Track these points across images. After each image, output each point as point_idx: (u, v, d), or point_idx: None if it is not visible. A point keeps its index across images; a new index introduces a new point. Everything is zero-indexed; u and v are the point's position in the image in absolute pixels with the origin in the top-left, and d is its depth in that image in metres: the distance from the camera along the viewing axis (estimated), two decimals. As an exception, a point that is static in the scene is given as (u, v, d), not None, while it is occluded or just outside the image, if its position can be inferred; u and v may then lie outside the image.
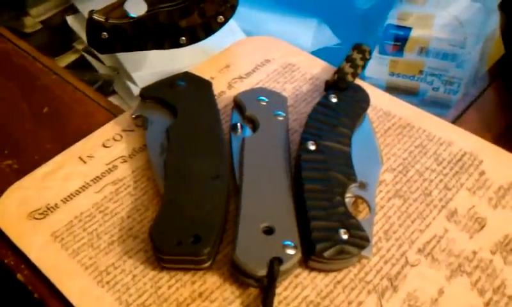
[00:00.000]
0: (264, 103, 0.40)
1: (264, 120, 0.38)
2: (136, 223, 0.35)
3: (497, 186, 0.36)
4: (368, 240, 0.32)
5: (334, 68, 0.44)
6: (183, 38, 0.44)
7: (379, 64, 0.57)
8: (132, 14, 0.43)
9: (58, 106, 0.44)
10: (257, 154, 0.36)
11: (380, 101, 0.42)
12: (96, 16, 0.42)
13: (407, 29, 0.56)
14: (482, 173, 0.37)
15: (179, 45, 0.44)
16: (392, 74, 0.56)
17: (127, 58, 0.50)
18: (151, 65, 0.51)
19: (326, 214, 0.32)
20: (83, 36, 0.55)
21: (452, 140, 0.39)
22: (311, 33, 0.57)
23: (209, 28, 0.45)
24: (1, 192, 0.37)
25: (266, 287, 0.30)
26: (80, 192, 0.37)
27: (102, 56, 0.53)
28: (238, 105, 0.40)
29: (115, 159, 0.39)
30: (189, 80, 0.41)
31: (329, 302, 0.31)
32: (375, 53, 0.56)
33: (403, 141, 0.39)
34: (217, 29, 0.45)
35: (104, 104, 0.44)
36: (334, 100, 0.38)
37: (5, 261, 0.34)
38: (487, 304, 0.31)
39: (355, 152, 0.36)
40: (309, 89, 0.43)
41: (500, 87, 0.45)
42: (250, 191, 0.34)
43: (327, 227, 0.32)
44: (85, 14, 0.55)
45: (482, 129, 0.41)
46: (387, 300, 0.31)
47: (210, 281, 0.32)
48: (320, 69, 0.45)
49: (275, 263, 0.30)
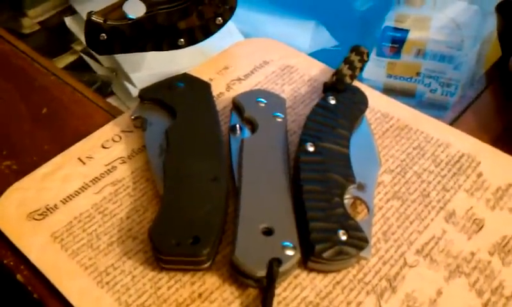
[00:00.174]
0: (263, 104, 0.40)
1: (263, 121, 0.38)
2: (135, 224, 0.35)
3: (495, 187, 0.36)
4: (367, 241, 0.32)
5: (332, 70, 0.44)
6: (181, 40, 0.44)
7: (376, 66, 0.57)
8: (131, 15, 0.43)
9: (57, 107, 0.44)
10: (256, 155, 0.36)
11: (378, 103, 0.42)
12: (94, 17, 0.42)
13: (404, 31, 0.57)
14: (480, 175, 0.37)
15: (177, 47, 0.45)
16: (390, 76, 0.57)
17: (125, 59, 0.51)
18: (149, 66, 0.51)
19: (325, 215, 0.33)
20: (81, 37, 0.55)
21: (450, 142, 0.39)
22: (309, 35, 0.57)
23: (208, 30, 0.45)
24: (0, 193, 0.37)
25: (265, 288, 0.30)
26: (79, 193, 0.37)
27: (100, 57, 0.53)
28: (237, 106, 0.40)
29: (114, 160, 0.39)
30: (188, 81, 0.41)
31: (328, 302, 0.31)
32: (373, 55, 0.56)
33: (401, 143, 0.39)
34: (215, 31, 0.45)
35: (103, 105, 0.44)
36: (332, 102, 0.38)
37: (4, 261, 0.34)
38: (485, 305, 0.31)
39: (353, 154, 0.36)
40: (307, 90, 0.43)
41: (497, 89, 0.46)
42: (249, 192, 0.34)
43: (326, 228, 0.32)
44: (83, 15, 0.55)
45: (479, 131, 0.41)
46: (386, 300, 0.31)
47: (209, 282, 0.32)
48: (318, 71, 0.45)
49: (274, 263, 0.31)
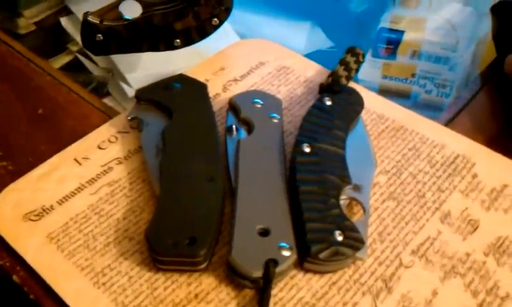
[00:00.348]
0: (259, 105, 0.40)
1: (259, 122, 0.39)
2: (132, 225, 0.35)
3: (490, 188, 0.36)
4: (363, 242, 0.32)
5: (328, 71, 0.44)
6: (177, 40, 0.44)
7: (372, 67, 0.57)
8: (127, 16, 0.43)
9: (53, 108, 0.44)
10: (252, 156, 0.36)
11: (374, 104, 0.42)
12: (91, 18, 0.42)
13: (399, 33, 0.57)
14: (474, 176, 0.37)
15: (174, 47, 0.45)
16: (385, 77, 0.57)
17: (121, 60, 0.51)
18: (145, 67, 0.51)
19: (321, 216, 0.33)
20: (77, 38, 0.55)
21: (445, 143, 0.39)
22: (304, 36, 0.57)
23: (204, 31, 0.45)
24: (-4, 193, 0.37)
25: (262, 288, 0.30)
26: (75, 193, 0.37)
27: (96, 58, 0.53)
28: (233, 107, 0.40)
29: (110, 161, 0.39)
30: (184, 82, 0.41)
31: (324, 303, 0.31)
32: (368, 56, 0.57)
33: (397, 144, 0.39)
34: (211, 32, 0.45)
35: (99, 106, 0.44)
36: (328, 103, 0.39)
37: (0, 262, 0.34)
38: (480, 305, 0.31)
39: (349, 155, 0.36)
40: (303, 91, 0.43)
41: (492, 90, 0.46)
42: (245, 193, 0.34)
43: (322, 229, 0.32)
44: (79, 15, 0.55)
45: (474, 132, 0.41)
46: (382, 301, 0.31)
47: (206, 283, 0.32)
48: (314, 72, 0.45)
49: (271, 264, 0.31)
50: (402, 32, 0.56)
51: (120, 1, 0.43)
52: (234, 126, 0.39)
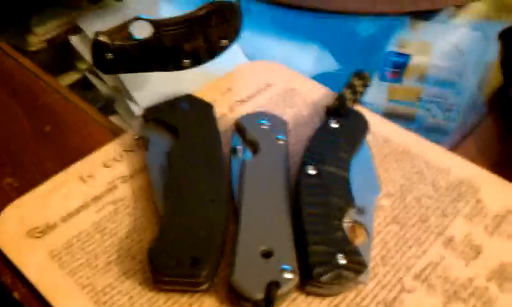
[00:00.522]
0: (265, 126, 0.40)
1: (265, 143, 0.39)
2: (135, 243, 0.35)
3: (494, 214, 0.36)
4: (365, 266, 0.32)
5: (334, 94, 0.44)
6: (186, 61, 0.45)
7: (378, 90, 0.57)
8: (137, 36, 0.43)
9: (60, 125, 0.44)
10: (257, 177, 0.36)
11: (379, 127, 0.42)
12: (101, 37, 0.43)
13: (406, 56, 0.57)
14: (479, 201, 0.37)
15: (182, 68, 0.45)
16: (391, 100, 0.57)
17: (129, 78, 0.51)
18: (153, 86, 0.51)
19: (324, 239, 0.33)
20: (86, 56, 0.55)
21: (450, 167, 0.39)
22: (312, 58, 0.57)
23: (213, 52, 0.45)
24: (1, 209, 0.37)
25: (263, 310, 0.30)
26: (79, 211, 0.37)
27: (104, 76, 0.54)
28: (239, 128, 0.40)
29: (115, 179, 0.39)
30: (191, 102, 0.42)
31: (325, 326, 0.31)
32: (374, 79, 0.57)
33: (401, 168, 0.39)
34: (220, 53, 0.45)
35: (106, 124, 0.44)
36: (334, 126, 0.39)
37: (2, 278, 0.34)
38: (483, 332, 0.31)
39: (354, 177, 0.36)
40: (309, 113, 0.44)
41: (499, 116, 0.46)
42: (249, 214, 0.34)
43: (325, 251, 0.32)
44: (89, 34, 0.56)
45: (479, 157, 0.41)
46: (383, 326, 0.31)
47: (207, 304, 0.32)
48: (320, 94, 0.45)
49: (273, 287, 0.31)
50: (408, 56, 0.57)
51: (131, 21, 0.43)
52: (240, 147, 0.39)
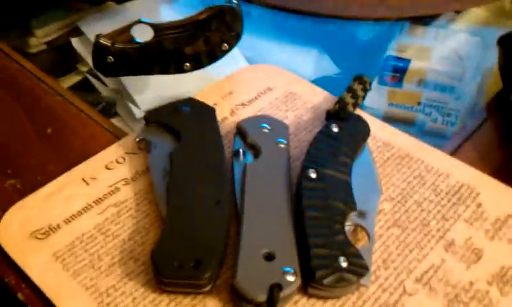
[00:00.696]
0: (266, 130, 0.40)
1: (266, 147, 0.39)
2: (137, 246, 0.35)
3: (494, 218, 0.37)
4: (367, 269, 0.32)
5: (335, 98, 0.44)
6: (187, 64, 0.45)
7: (378, 94, 0.57)
8: (138, 39, 0.44)
9: (62, 127, 0.44)
10: (259, 180, 0.37)
11: (380, 131, 0.42)
12: (102, 40, 0.43)
13: (406, 61, 0.57)
14: (479, 205, 0.37)
15: (183, 71, 0.45)
16: (391, 104, 0.57)
17: (130, 81, 0.51)
18: (154, 89, 0.51)
19: (326, 242, 0.33)
20: (87, 58, 0.56)
21: (450, 172, 0.39)
22: (312, 62, 0.57)
23: (213, 55, 0.45)
24: (4, 211, 0.37)
25: (265, 313, 0.31)
26: (82, 213, 0.37)
27: (105, 79, 0.54)
28: (240, 131, 0.40)
29: (118, 181, 0.39)
30: (193, 105, 0.42)
31: (327, 329, 0.31)
32: (374, 83, 0.57)
33: (402, 172, 0.40)
34: (221, 57, 0.46)
35: (108, 126, 0.45)
36: (335, 130, 0.39)
37: (6, 279, 0.34)
38: (483, 335, 0.31)
39: (355, 181, 0.37)
40: (310, 117, 0.44)
41: (498, 121, 0.46)
42: (251, 217, 0.34)
43: (327, 254, 0.32)
44: (90, 37, 0.56)
45: (479, 162, 0.41)
46: (385, 328, 0.31)
47: (209, 305, 0.32)
48: (321, 98, 0.46)
49: (275, 289, 0.31)
50: (408, 60, 0.57)
51: (132, 25, 0.43)
52: (241, 150, 0.39)
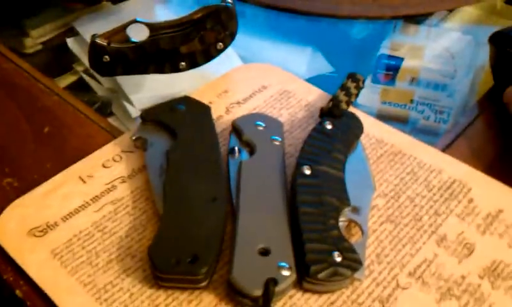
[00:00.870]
0: (261, 128, 0.41)
1: (261, 144, 0.39)
2: (135, 242, 0.36)
3: (485, 213, 0.37)
4: (361, 263, 0.33)
5: (329, 96, 0.45)
6: (183, 63, 0.45)
7: (371, 92, 0.58)
8: (134, 39, 0.44)
9: (59, 126, 0.45)
10: (254, 177, 0.37)
11: (373, 129, 0.43)
12: (98, 40, 0.43)
13: (399, 59, 0.58)
14: (470, 200, 0.38)
15: (179, 70, 0.46)
16: (384, 102, 0.58)
17: (126, 80, 0.51)
18: (149, 88, 0.52)
19: (321, 237, 0.33)
20: (83, 58, 0.56)
21: (442, 168, 0.40)
22: (305, 61, 0.58)
23: (208, 54, 0.46)
24: (1, 209, 0.37)
25: (261, 307, 0.31)
26: (79, 210, 0.37)
27: (101, 78, 0.54)
28: (236, 129, 0.41)
29: (114, 179, 0.39)
30: (189, 104, 0.42)
31: (322, 322, 0.32)
32: (367, 81, 0.57)
33: (395, 168, 0.40)
34: (216, 56, 0.46)
35: (104, 125, 0.45)
36: (329, 127, 0.39)
37: (4, 277, 0.34)
38: (475, 328, 0.32)
39: (349, 177, 0.37)
40: (304, 115, 0.44)
41: (489, 118, 0.47)
42: (247, 213, 0.35)
43: (321, 249, 0.33)
44: (85, 37, 0.56)
45: (471, 158, 0.42)
46: (378, 321, 0.32)
47: (206, 300, 0.33)
48: (315, 96, 0.46)
49: (270, 283, 0.31)
50: (401, 59, 0.57)
51: (128, 24, 0.44)
52: (236, 148, 0.40)
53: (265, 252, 0.33)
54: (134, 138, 0.41)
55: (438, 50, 0.58)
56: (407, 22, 0.61)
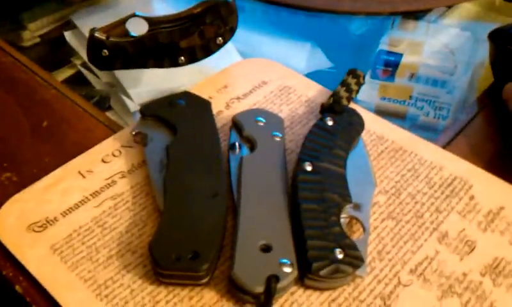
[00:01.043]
0: (262, 123, 0.41)
1: (262, 140, 0.39)
2: (135, 238, 0.35)
3: (486, 210, 0.37)
4: (362, 260, 0.33)
5: (329, 92, 0.45)
6: (182, 58, 0.45)
7: (370, 88, 0.58)
8: (133, 33, 0.44)
9: (57, 120, 0.44)
10: (255, 173, 0.37)
11: (374, 125, 0.43)
12: (97, 34, 0.43)
13: (398, 55, 0.58)
14: (472, 197, 0.38)
15: (178, 65, 0.45)
16: (383, 98, 0.58)
17: (124, 75, 0.51)
18: (148, 82, 0.51)
19: (322, 234, 0.33)
20: (80, 52, 0.56)
21: (443, 165, 0.40)
22: (305, 56, 0.58)
23: (208, 49, 0.46)
24: (0, 204, 0.37)
25: (263, 304, 0.31)
26: (79, 206, 0.37)
27: (99, 72, 0.54)
28: (236, 125, 0.41)
29: (114, 174, 0.39)
30: (189, 99, 0.42)
31: (324, 319, 0.32)
32: (367, 77, 0.57)
33: (396, 165, 0.40)
34: (215, 51, 0.46)
35: (103, 120, 0.45)
36: (330, 123, 0.39)
37: (4, 272, 0.34)
38: (476, 325, 0.32)
39: (350, 174, 0.37)
40: (305, 111, 0.44)
41: (489, 114, 0.47)
42: (248, 209, 0.35)
43: (323, 246, 0.33)
44: (83, 30, 0.56)
45: (471, 154, 0.42)
46: (380, 319, 0.32)
47: (207, 297, 0.32)
48: (315, 92, 0.46)
49: (272, 280, 0.31)
50: (400, 55, 0.57)
51: (127, 18, 0.43)
52: (237, 143, 0.39)
53: (266, 248, 0.33)
54: (134, 133, 0.41)
55: (437, 46, 0.58)
56: (406, 18, 0.61)
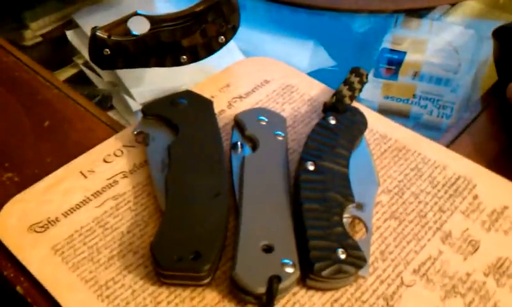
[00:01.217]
0: (264, 123, 0.40)
1: (264, 139, 0.39)
2: (136, 238, 0.35)
3: (490, 210, 0.37)
4: (365, 260, 0.32)
5: (332, 90, 0.44)
6: (184, 57, 0.45)
7: (373, 86, 0.58)
8: (135, 32, 0.44)
9: (59, 120, 0.44)
10: (257, 173, 0.37)
11: (377, 124, 0.42)
12: (99, 33, 0.43)
13: (401, 53, 0.57)
14: (475, 197, 0.38)
15: (180, 64, 0.45)
16: (386, 97, 0.57)
17: (126, 74, 0.51)
18: (150, 81, 0.51)
19: (324, 234, 0.33)
20: (82, 51, 0.55)
21: (447, 164, 0.40)
22: (307, 55, 0.57)
23: (210, 48, 0.45)
24: (2, 204, 0.37)
25: (265, 304, 0.31)
26: (80, 206, 0.37)
27: (101, 71, 0.54)
28: (238, 124, 0.40)
29: (116, 174, 0.39)
30: (191, 98, 0.42)
31: (326, 320, 0.31)
32: (370, 76, 0.57)
33: (399, 164, 0.40)
34: (218, 49, 0.46)
35: (105, 119, 0.44)
36: (332, 122, 0.39)
37: (5, 273, 0.34)
38: (480, 326, 0.31)
39: (352, 173, 0.37)
40: (307, 110, 0.44)
41: (493, 113, 0.46)
42: (250, 209, 0.35)
43: (325, 246, 0.32)
44: (85, 29, 0.56)
45: (475, 154, 0.42)
46: (383, 319, 0.32)
47: (209, 298, 0.32)
48: (318, 91, 0.46)
49: (274, 281, 0.31)
50: (404, 53, 0.57)
51: (128, 17, 0.43)
52: (239, 143, 0.39)
53: (268, 249, 0.33)
54: (136, 132, 0.40)
55: (441, 44, 0.58)
56: (409, 16, 0.61)
